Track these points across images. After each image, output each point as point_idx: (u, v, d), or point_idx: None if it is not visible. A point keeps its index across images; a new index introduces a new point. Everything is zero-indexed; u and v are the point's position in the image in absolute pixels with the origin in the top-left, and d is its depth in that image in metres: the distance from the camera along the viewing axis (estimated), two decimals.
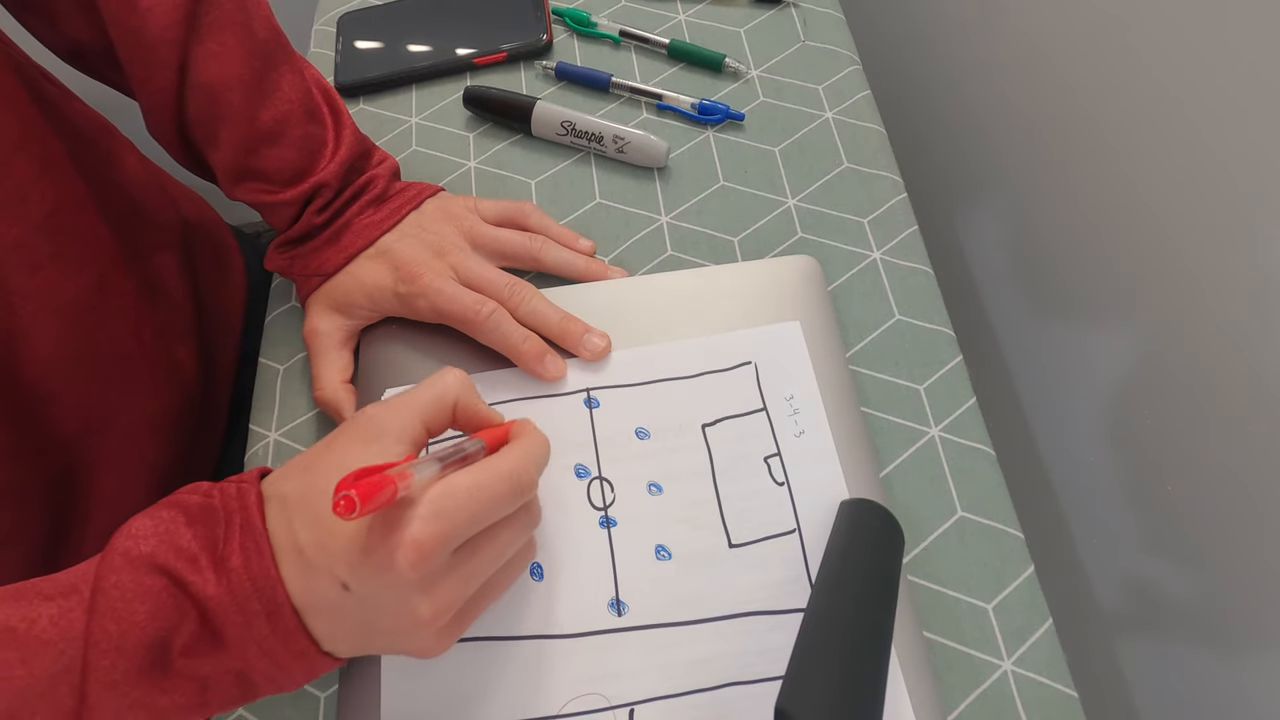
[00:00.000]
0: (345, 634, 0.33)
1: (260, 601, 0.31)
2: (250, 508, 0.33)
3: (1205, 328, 0.47)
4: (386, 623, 0.32)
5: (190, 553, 0.31)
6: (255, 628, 0.31)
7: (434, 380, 0.36)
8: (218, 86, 0.45)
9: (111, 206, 0.50)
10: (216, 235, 0.63)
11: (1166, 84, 0.47)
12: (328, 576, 0.31)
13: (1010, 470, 0.45)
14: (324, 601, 0.32)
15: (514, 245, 0.50)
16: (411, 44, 0.63)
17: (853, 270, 0.51)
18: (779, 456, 0.43)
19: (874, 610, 0.36)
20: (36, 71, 0.49)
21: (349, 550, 0.31)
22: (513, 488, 0.33)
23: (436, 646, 0.34)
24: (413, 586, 0.31)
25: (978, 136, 0.69)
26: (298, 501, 0.32)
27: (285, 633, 0.32)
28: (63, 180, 0.46)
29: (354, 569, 0.31)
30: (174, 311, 0.55)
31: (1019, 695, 0.39)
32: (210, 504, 0.33)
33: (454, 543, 0.31)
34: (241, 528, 0.32)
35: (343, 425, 0.34)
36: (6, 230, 0.42)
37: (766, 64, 0.60)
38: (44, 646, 0.30)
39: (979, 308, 0.72)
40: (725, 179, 0.55)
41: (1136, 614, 0.58)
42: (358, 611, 0.32)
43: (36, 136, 0.44)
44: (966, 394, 0.47)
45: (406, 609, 0.32)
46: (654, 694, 0.38)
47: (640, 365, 0.46)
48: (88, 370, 0.47)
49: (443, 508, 0.31)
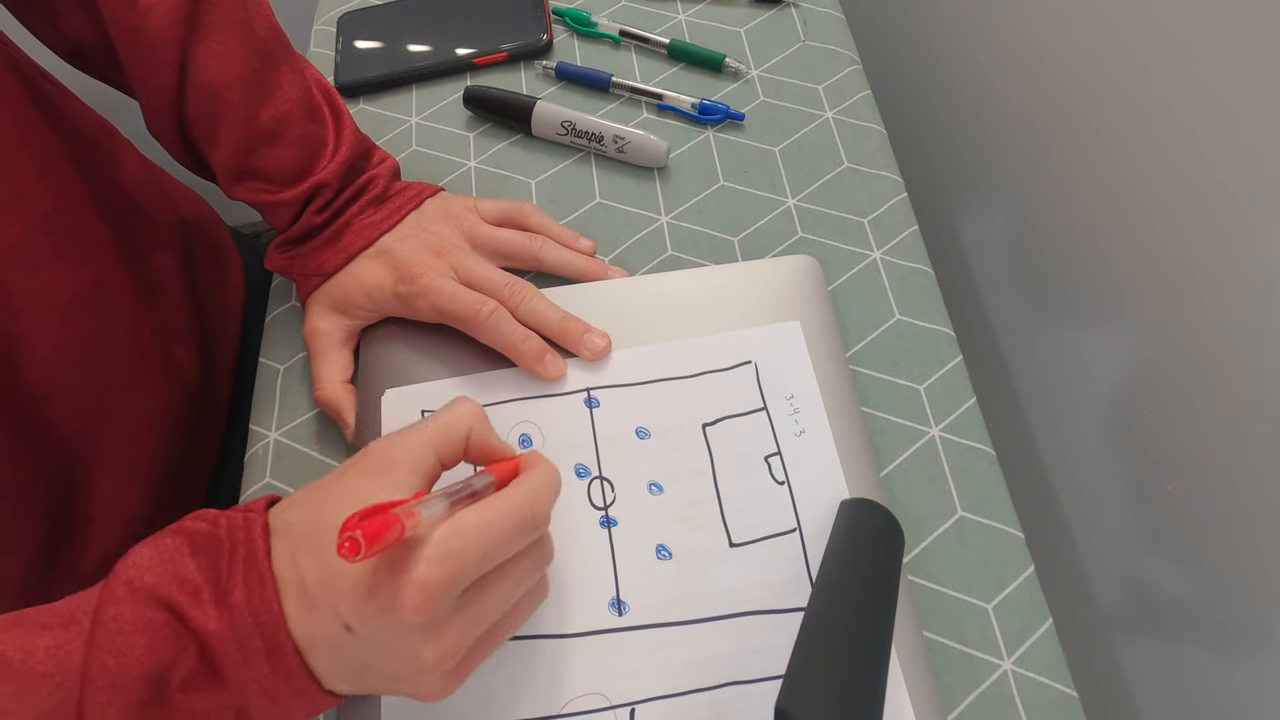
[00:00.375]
0: (346, 673, 0.32)
1: (261, 639, 0.30)
2: (255, 539, 0.32)
3: (1205, 328, 0.47)
4: (389, 666, 0.31)
5: (193, 585, 0.31)
6: (255, 666, 0.30)
7: (446, 411, 0.35)
8: (218, 86, 0.45)
9: (110, 206, 0.50)
10: (215, 235, 0.63)
11: (1166, 84, 0.47)
12: (331, 615, 0.30)
13: (1010, 470, 0.45)
14: (326, 640, 0.31)
15: (514, 245, 0.49)
16: (411, 44, 0.63)
17: (853, 270, 0.51)
18: (779, 456, 0.43)
19: (874, 610, 0.36)
20: (35, 71, 0.49)
21: (354, 590, 0.30)
22: (522, 523, 0.32)
23: (441, 691, 0.33)
24: (417, 630, 0.30)
25: (978, 136, 0.69)
26: (303, 535, 0.31)
27: (286, 672, 0.31)
28: (62, 180, 0.46)
29: (357, 610, 0.30)
30: (172, 311, 0.55)
31: (1019, 695, 0.39)
32: (216, 533, 0.32)
33: (462, 584, 0.30)
34: (246, 560, 0.31)
35: (354, 457, 0.33)
36: (6, 230, 0.42)
37: (767, 64, 0.60)
38: (41, 680, 0.29)
39: (979, 308, 0.72)
40: (725, 179, 0.55)
41: (1136, 614, 0.58)
42: (360, 652, 0.31)
43: (36, 136, 0.44)
44: (966, 394, 0.47)
45: (410, 652, 0.31)
46: (654, 693, 0.38)
47: (640, 365, 0.46)
48: (87, 370, 0.47)
49: (451, 548, 0.30)
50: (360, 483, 0.32)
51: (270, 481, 0.48)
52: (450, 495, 0.31)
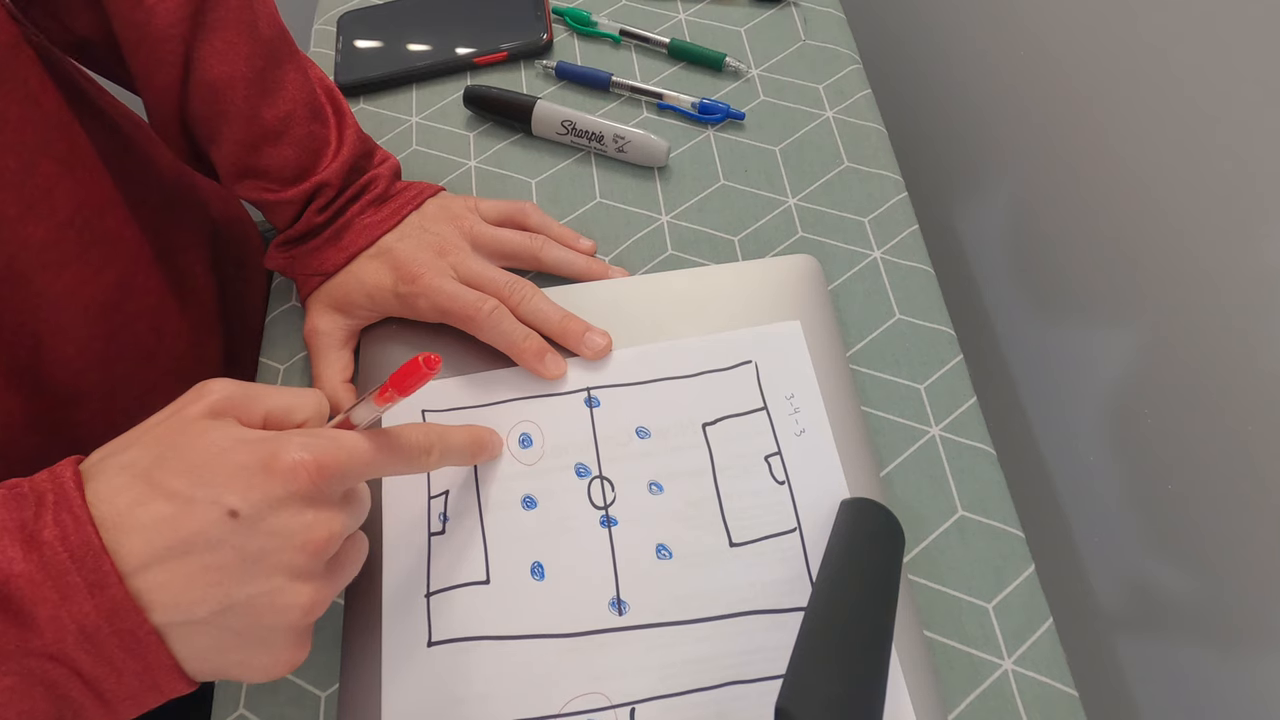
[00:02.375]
0: (201, 594, 0.29)
1: (80, 574, 0.28)
2: (66, 484, 0.30)
3: (1206, 327, 0.47)
4: (260, 579, 0.30)
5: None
6: (76, 602, 0.28)
7: (295, 394, 0.35)
8: (221, 83, 0.45)
9: (143, 204, 0.49)
10: (244, 233, 0.62)
11: (1167, 84, 0.47)
12: (209, 509, 0.29)
13: (1011, 469, 0.45)
14: (193, 543, 0.29)
15: (514, 245, 0.50)
16: (412, 43, 0.63)
17: (853, 269, 0.51)
18: (779, 455, 0.43)
19: (874, 609, 0.36)
20: (70, 66, 0.49)
21: (245, 471, 0.30)
22: (411, 456, 0.35)
23: (298, 643, 0.32)
24: (304, 505, 0.31)
25: (978, 135, 0.69)
26: (159, 459, 0.30)
27: (113, 606, 0.28)
28: (89, 178, 0.46)
29: (249, 484, 0.30)
30: (202, 310, 0.54)
31: (1019, 694, 0.39)
32: (19, 491, 0.30)
33: (346, 481, 0.32)
34: (56, 504, 0.29)
35: (187, 397, 0.33)
36: (33, 230, 0.41)
37: (767, 63, 0.60)
38: None
39: (979, 307, 0.72)
40: (725, 178, 0.55)
41: (1137, 613, 0.58)
42: (231, 554, 0.29)
43: (62, 133, 0.44)
44: (967, 393, 0.47)
45: (289, 545, 0.30)
46: (655, 693, 0.38)
47: (641, 364, 0.46)
48: (113, 370, 0.47)
49: (348, 444, 0.32)
50: (209, 422, 0.32)
51: None
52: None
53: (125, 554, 0.29)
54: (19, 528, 0.29)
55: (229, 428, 0.32)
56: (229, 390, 0.33)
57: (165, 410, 0.33)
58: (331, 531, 0.32)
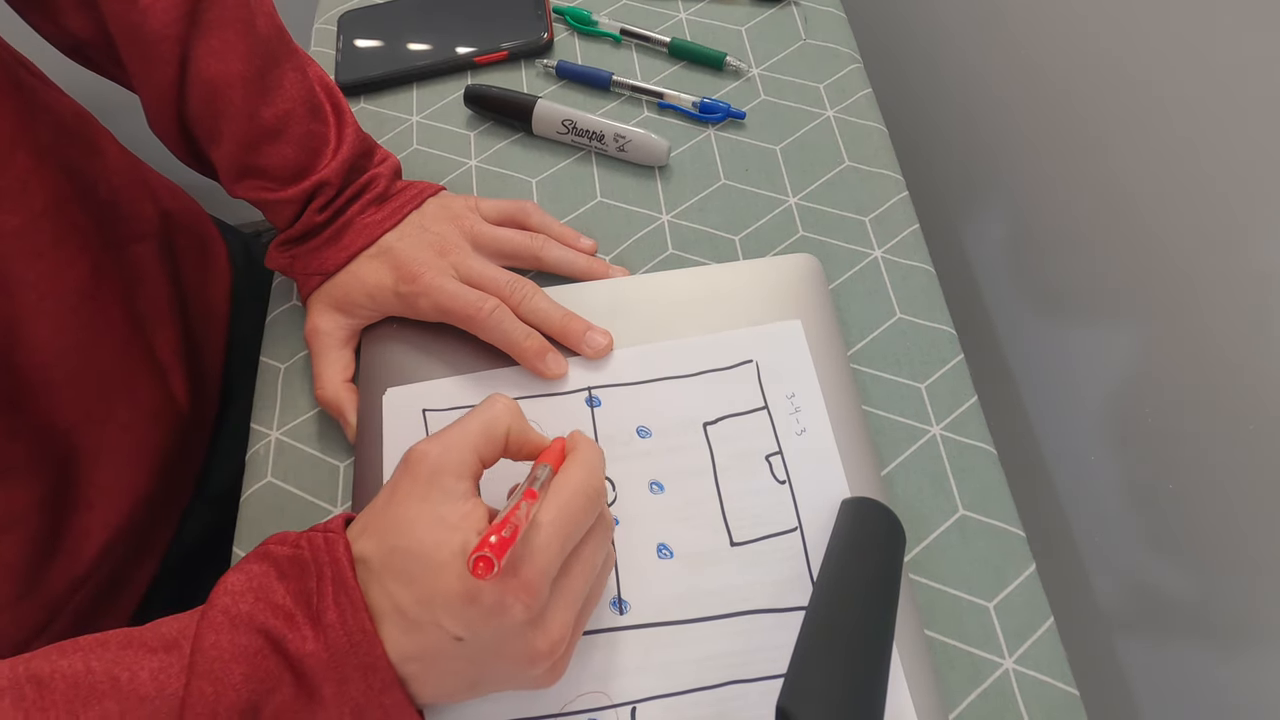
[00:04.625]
0: (457, 687, 0.34)
1: (357, 657, 0.31)
2: (340, 560, 0.33)
3: (1206, 327, 0.47)
4: (502, 666, 0.33)
5: (285, 609, 0.32)
6: (353, 684, 0.32)
7: (483, 410, 0.36)
8: (218, 83, 0.45)
9: (94, 197, 0.50)
10: (197, 226, 0.62)
11: (1166, 83, 0.47)
12: (437, 631, 0.31)
13: (1011, 469, 0.45)
14: (437, 654, 0.32)
15: (515, 244, 0.49)
16: (412, 42, 0.63)
17: (854, 269, 0.51)
18: (780, 455, 0.43)
19: (875, 609, 0.36)
20: (15, 60, 0.49)
21: (458, 602, 0.31)
22: (587, 501, 0.34)
23: (554, 676, 0.34)
24: (526, 626, 0.32)
25: (979, 135, 0.69)
26: (382, 566, 0.32)
27: (381, 686, 0.32)
28: (56, 171, 0.46)
29: (466, 619, 0.31)
30: (152, 302, 0.55)
31: (1020, 693, 0.39)
32: (300, 556, 0.33)
33: (554, 572, 0.32)
34: (334, 581, 0.32)
35: (398, 469, 0.34)
36: (9, 219, 0.42)
37: (767, 62, 0.60)
38: (142, 702, 0.30)
39: (980, 306, 0.72)
40: (726, 177, 0.55)
41: (1137, 613, 0.58)
42: (472, 661, 0.33)
43: (31, 127, 0.45)
44: (968, 392, 0.47)
45: (523, 647, 0.32)
46: (656, 692, 0.38)
47: (641, 364, 0.46)
48: (86, 359, 0.47)
49: (538, 543, 0.32)
50: (414, 505, 0.33)
51: (271, 480, 0.48)
52: (525, 493, 0.33)
53: (389, 643, 0.32)
54: (305, 603, 0.32)
55: (438, 508, 0.33)
56: (432, 453, 0.34)
57: (389, 484, 0.35)
58: (552, 641, 0.33)
